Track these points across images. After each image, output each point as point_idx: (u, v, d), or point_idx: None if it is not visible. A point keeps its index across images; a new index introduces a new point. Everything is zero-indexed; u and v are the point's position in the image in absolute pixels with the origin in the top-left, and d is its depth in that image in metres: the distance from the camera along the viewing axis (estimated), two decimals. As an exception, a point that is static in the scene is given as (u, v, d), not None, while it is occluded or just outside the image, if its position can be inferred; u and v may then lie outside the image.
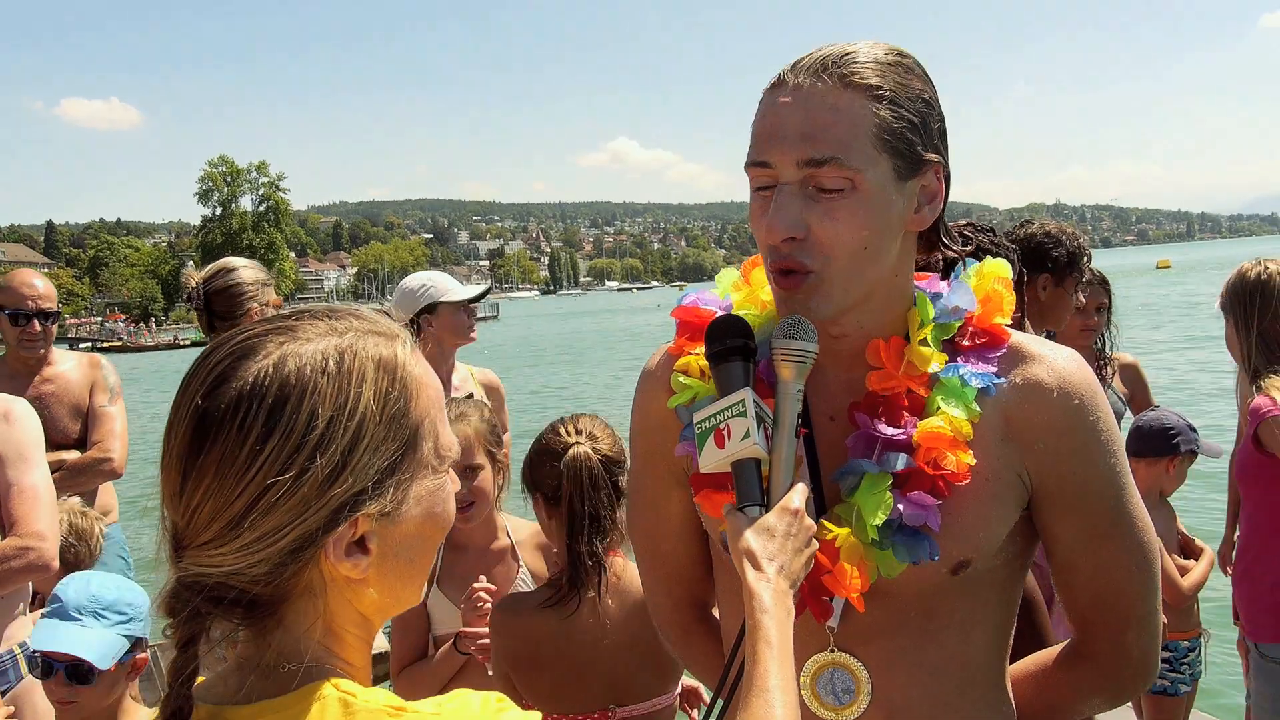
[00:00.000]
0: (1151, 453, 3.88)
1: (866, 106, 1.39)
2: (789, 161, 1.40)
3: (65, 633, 2.46)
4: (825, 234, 1.40)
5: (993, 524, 1.46)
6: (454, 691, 1.07)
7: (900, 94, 1.41)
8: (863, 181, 1.39)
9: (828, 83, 1.39)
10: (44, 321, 4.30)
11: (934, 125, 1.46)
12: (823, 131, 1.38)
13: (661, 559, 1.76)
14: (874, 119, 1.39)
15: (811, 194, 1.40)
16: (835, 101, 1.39)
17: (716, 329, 1.47)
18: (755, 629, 1.32)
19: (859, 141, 1.38)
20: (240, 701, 1.04)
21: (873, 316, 1.49)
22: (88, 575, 2.68)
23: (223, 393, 1.02)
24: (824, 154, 1.38)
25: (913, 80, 1.44)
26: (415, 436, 1.09)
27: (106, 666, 2.46)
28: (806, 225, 1.40)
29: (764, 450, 1.40)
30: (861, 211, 1.40)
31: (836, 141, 1.38)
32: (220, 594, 1.03)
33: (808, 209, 1.40)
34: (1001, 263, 1.58)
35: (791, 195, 1.40)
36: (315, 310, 1.11)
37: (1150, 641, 1.55)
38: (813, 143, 1.38)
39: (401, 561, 1.09)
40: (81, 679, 2.45)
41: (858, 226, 1.40)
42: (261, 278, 3.83)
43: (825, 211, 1.40)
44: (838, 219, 1.39)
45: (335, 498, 1.02)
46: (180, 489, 1.03)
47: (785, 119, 1.40)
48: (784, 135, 1.40)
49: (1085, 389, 1.48)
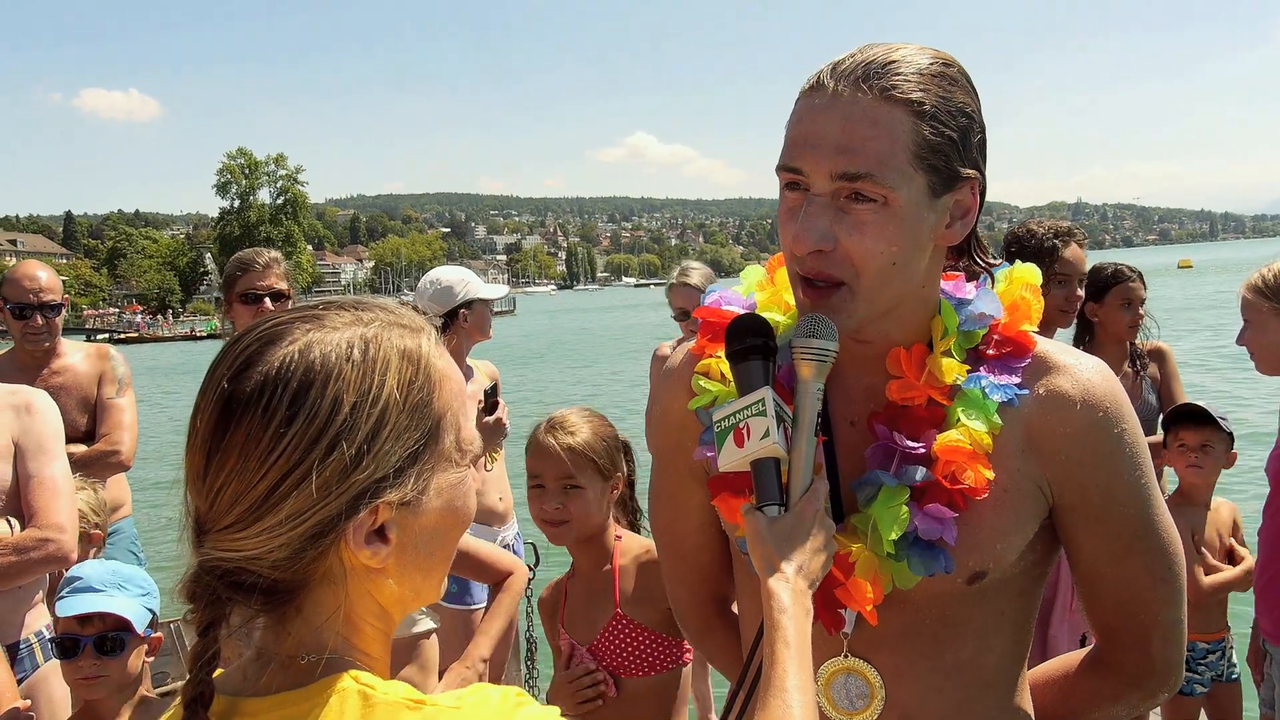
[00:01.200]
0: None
1: (906, 122, 1.36)
2: (822, 172, 1.37)
3: (95, 600, 2.51)
4: (854, 248, 1.38)
5: (1010, 535, 1.46)
6: (473, 685, 1.08)
7: (942, 109, 1.38)
8: (896, 200, 1.36)
9: (869, 94, 1.36)
10: (47, 315, 4.23)
11: (973, 139, 1.42)
12: (860, 146, 1.35)
13: (682, 555, 1.76)
14: (913, 136, 1.36)
15: (842, 205, 1.38)
16: (875, 115, 1.35)
17: (736, 328, 1.46)
18: (773, 629, 1.32)
19: (896, 159, 1.35)
20: (259, 693, 1.05)
21: (898, 325, 1.48)
22: (101, 559, 2.73)
23: (249, 376, 1.03)
24: (859, 169, 1.35)
25: (956, 92, 1.41)
26: (437, 428, 1.10)
27: (141, 629, 2.51)
28: (835, 238, 1.38)
29: (783, 449, 1.40)
30: (891, 228, 1.37)
31: (873, 157, 1.35)
32: (240, 579, 1.04)
33: (837, 221, 1.38)
34: (1031, 268, 1.57)
35: (822, 207, 1.38)
36: (343, 301, 1.13)
37: (1175, 650, 1.55)
38: (849, 157, 1.35)
39: (421, 554, 1.10)
40: (110, 650, 2.48)
41: (887, 242, 1.38)
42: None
43: (854, 225, 1.37)
44: (866, 234, 1.37)
45: (357, 484, 1.03)
46: (204, 471, 1.04)
47: (822, 127, 1.37)
48: (819, 144, 1.37)
49: (1110, 400, 1.46)
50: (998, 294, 1.54)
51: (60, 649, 2.53)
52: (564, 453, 2.64)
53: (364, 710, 1.01)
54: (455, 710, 1.02)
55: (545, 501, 2.66)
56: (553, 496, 2.65)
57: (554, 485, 2.65)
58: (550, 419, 2.75)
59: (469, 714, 1.02)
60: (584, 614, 2.72)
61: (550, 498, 2.65)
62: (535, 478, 2.70)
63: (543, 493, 2.67)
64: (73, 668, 2.51)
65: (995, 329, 1.52)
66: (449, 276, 4.49)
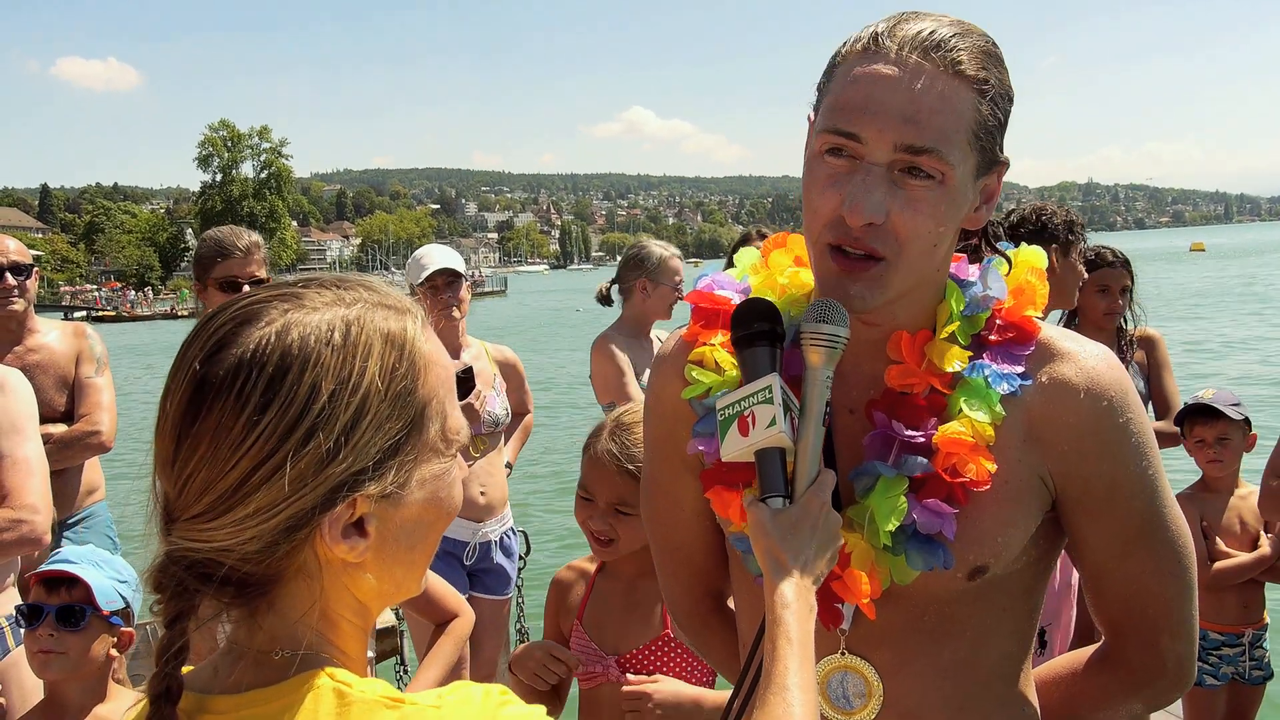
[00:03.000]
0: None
1: (971, 100, 1.36)
2: (885, 141, 1.34)
3: (65, 567, 2.54)
4: (904, 223, 1.36)
5: (1012, 529, 1.45)
6: (455, 684, 1.07)
7: (999, 90, 1.39)
8: (952, 178, 1.36)
9: (938, 66, 1.34)
10: (17, 276, 4.14)
11: (1007, 122, 1.44)
12: (928, 118, 1.33)
13: (676, 549, 1.75)
14: (975, 115, 1.36)
15: (896, 179, 1.36)
16: (944, 89, 1.34)
17: (743, 312, 1.45)
18: (776, 624, 1.31)
19: (958, 136, 1.35)
20: (230, 690, 1.03)
21: (906, 308, 1.47)
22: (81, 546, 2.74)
23: (222, 358, 1.01)
24: (926, 143, 1.33)
25: (1006, 75, 1.42)
26: (421, 416, 1.08)
27: (106, 608, 2.50)
28: (887, 211, 1.36)
29: (790, 439, 1.38)
30: (943, 206, 1.37)
31: (940, 132, 1.33)
32: (210, 570, 1.02)
33: (890, 195, 1.35)
34: (1037, 251, 1.56)
35: (879, 178, 1.35)
36: (324, 279, 1.10)
37: (1186, 647, 1.54)
38: (916, 128, 1.33)
39: (401, 548, 1.08)
40: (72, 623, 2.48)
41: (936, 221, 1.37)
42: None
43: (909, 200, 1.36)
44: (920, 210, 1.36)
45: (333, 476, 1.01)
46: (173, 457, 1.02)
47: (887, 94, 1.34)
48: (884, 111, 1.34)
49: (1115, 388, 1.45)
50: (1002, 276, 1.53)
51: (24, 616, 2.53)
52: (618, 474, 2.42)
53: (340, 709, 1.00)
54: (435, 709, 1.01)
55: (593, 518, 2.47)
56: (601, 516, 2.46)
57: (604, 506, 2.46)
58: (617, 420, 2.51)
59: (450, 713, 1.01)
60: (617, 621, 2.54)
61: (599, 517, 2.46)
62: (585, 489, 2.50)
63: (592, 507, 2.48)
64: (33, 638, 2.51)
65: (999, 313, 1.50)
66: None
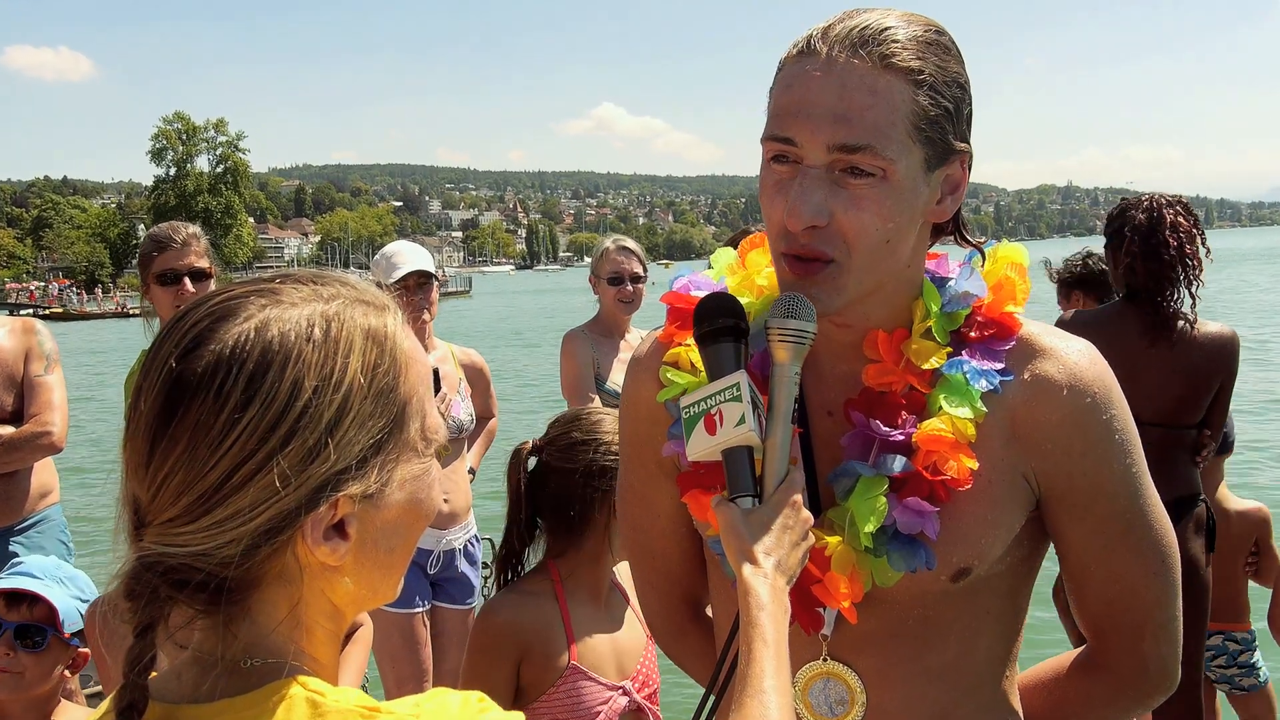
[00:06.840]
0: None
1: (906, 92, 1.36)
2: (818, 143, 1.36)
3: (30, 584, 2.49)
4: (849, 224, 1.37)
5: (995, 529, 1.46)
6: (432, 690, 1.07)
7: (939, 78, 1.38)
8: (894, 173, 1.36)
9: (866, 61, 1.35)
10: None
11: (965, 111, 1.44)
12: (859, 115, 1.34)
13: (651, 555, 1.75)
14: (911, 106, 1.36)
15: (837, 179, 1.37)
16: (874, 83, 1.34)
17: (705, 309, 1.45)
18: (751, 626, 1.31)
19: (895, 130, 1.35)
20: (199, 699, 1.03)
21: (879, 307, 1.48)
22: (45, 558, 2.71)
23: (199, 355, 1.00)
24: (859, 140, 1.34)
25: (950, 63, 1.41)
26: (402, 415, 1.08)
27: (68, 629, 2.48)
28: (830, 213, 1.37)
29: (759, 437, 1.39)
30: (889, 203, 1.37)
31: (873, 128, 1.34)
32: (185, 576, 1.01)
33: (832, 195, 1.37)
34: (1017, 247, 1.57)
35: (817, 180, 1.37)
36: (299, 274, 1.10)
37: (1170, 650, 1.56)
38: (847, 126, 1.34)
39: (381, 551, 1.09)
40: (31, 644, 2.45)
41: (883, 218, 1.38)
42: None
43: (851, 200, 1.37)
44: (864, 209, 1.37)
45: (317, 475, 1.01)
46: (147, 459, 1.01)
47: (817, 95, 1.35)
48: (815, 113, 1.35)
49: (1098, 385, 1.47)
50: (982, 273, 1.54)
51: None
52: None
53: (314, 718, 1.00)
54: (412, 717, 1.01)
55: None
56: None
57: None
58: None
59: (427, 721, 1.01)
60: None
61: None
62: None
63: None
64: None
65: (979, 310, 1.52)
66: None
